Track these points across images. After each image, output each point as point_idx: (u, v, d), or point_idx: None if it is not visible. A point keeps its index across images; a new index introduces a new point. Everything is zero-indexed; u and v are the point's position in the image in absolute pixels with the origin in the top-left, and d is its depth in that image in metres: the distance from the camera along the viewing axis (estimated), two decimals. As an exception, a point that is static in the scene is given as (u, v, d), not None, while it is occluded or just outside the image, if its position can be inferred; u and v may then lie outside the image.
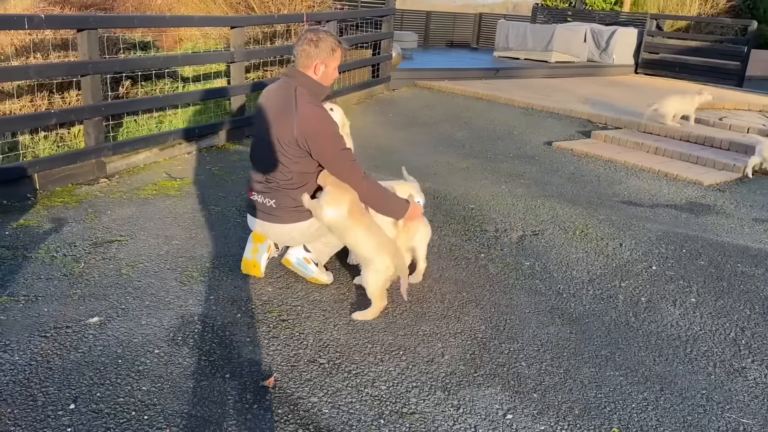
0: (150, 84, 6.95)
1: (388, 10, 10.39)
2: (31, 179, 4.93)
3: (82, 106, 5.30)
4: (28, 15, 4.46)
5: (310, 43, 3.25)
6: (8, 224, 4.29)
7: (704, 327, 3.40)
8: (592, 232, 4.74)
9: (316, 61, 3.27)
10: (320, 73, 3.32)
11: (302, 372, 2.74)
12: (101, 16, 5.44)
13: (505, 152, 7.16)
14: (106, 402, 2.46)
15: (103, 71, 5.26)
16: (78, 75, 5.20)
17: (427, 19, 18.08)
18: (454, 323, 3.26)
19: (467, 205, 5.19)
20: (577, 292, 3.72)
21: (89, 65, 5.14)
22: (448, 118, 8.87)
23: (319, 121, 3.20)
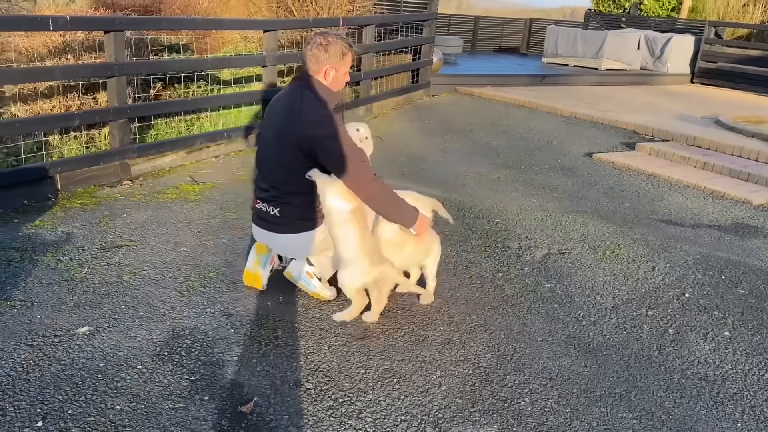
0: (183, 87, 6.94)
1: (430, 14, 10.19)
2: (53, 180, 4.93)
3: (107, 108, 5.30)
4: (53, 16, 4.45)
5: (320, 48, 3.11)
6: (24, 225, 4.29)
7: (736, 366, 3.09)
8: (624, 252, 4.45)
9: (326, 66, 3.13)
10: (330, 78, 3.17)
11: (285, 397, 2.58)
12: (128, 18, 5.42)
13: (541, 163, 6.87)
14: (76, 420, 2.35)
15: (128, 73, 5.24)
16: (104, 76, 5.18)
17: (475, 24, 17.79)
18: (458, 349, 3.05)
19: (492, 219, 4.95)
20: (598, 320, 3.45)
21: (115, 67, 5.12)
22: (485, 125, 8.61)
23: (323, 124, 3.04)
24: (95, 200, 4.89)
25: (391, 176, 5.94)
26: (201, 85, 7.18)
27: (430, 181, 5.90)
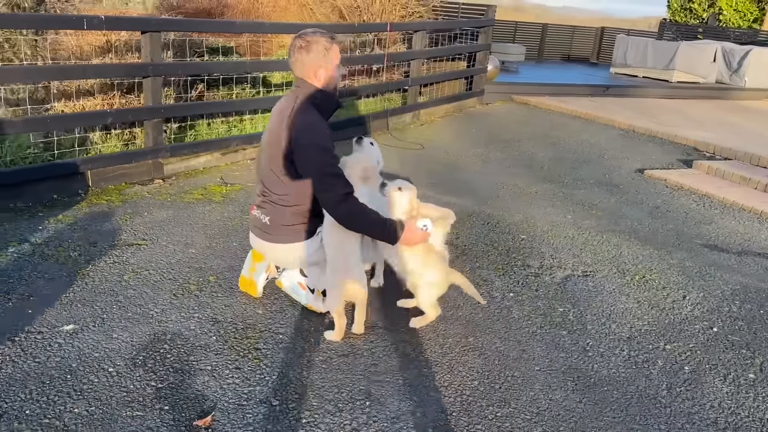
0: (227, 89, 7.00)
1: (487, 21, 9.97)
2: (84, 176, 5.03)
3: (141, 107, 5.38)
4: (87, 16, 4.55)
5: (301, 51, 3.00)
6: (46, 219, 4.38)
7: (754, 413, 2.78)
8: (655, 278, 4.13)
9: (313, 67, 3.01)
10: (322, 78, 3.05)
11: (247, 413, 2.48)
12: (165, 19, 5.50)
13: (586, 178, 6.55)
14: (30, 422, 2.33)
15: (163, 73, 5.30)
16: (139, 76, 5.26)
17: (543, 32, 17.35)
18: (444, 374, 2.87)
19: (518, 235, 4.72)
20: (607, 352, 3.19)
21: (149, 67, 5.19)
22: (534, 136, 8.32)
23: (308, 130, 2.94)
24: (122, 198, 4.96)
25: (424, 185, 5.78)
26: (245, 88, 7.23)
27: (463, 191, 5.70)
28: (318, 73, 3.02)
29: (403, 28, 8.26)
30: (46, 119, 4.76)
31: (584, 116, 9.54)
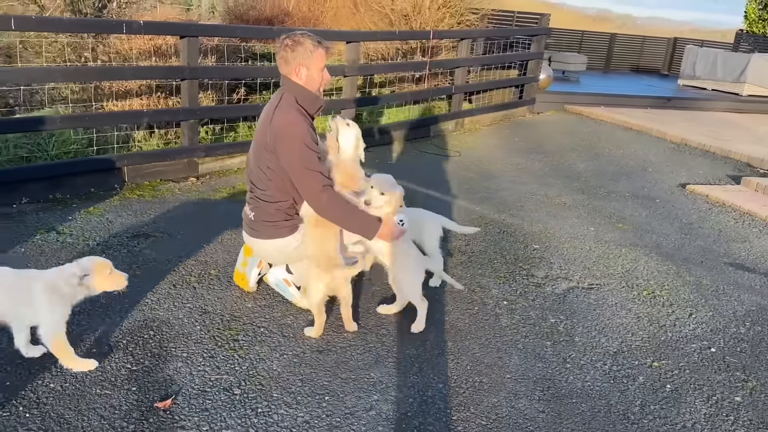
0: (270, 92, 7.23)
1: (540, 29, 9.86)
2: (120, 171, 5.33)
3: (177, 108, 5.65)
4: (127, 21, 4.85)
5: (287, 49, 3.11)
6: (78, 210, 4.68)
7: (728, 437, 2.67)
8: (665, 295, 4.01)
9: (295, 65, 3.12)
10: (303, 77, 3.15)
11: (207, 400, 2.60)
12: (202, 25, 5.76)
13: (622, 191, 6.38)
14: (7, 390, 2.52)
15: (199, 76, 5.56)
16: (176, 79, 5.53)
17: (611, 42, 16.91)
18: (412, 375, 2.90)
19: (531, 245, 4.67)
20: (587, 365, 3.13)
21: (186, 70, 5.45)
22: (578, 147, 8.16)
23: (288, 125, 3.04)
24: (154, 193, 5.22)
25: (450, 191, 5.81)
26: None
27: (486, 199, 5.68)
28: (300, 72, 3.12)
29: (447, 36, 8.29)
30: (85, 117, 5.08)
31: (636, 128, 9.27)
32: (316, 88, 3.22)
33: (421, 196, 5.61)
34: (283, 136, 3.02)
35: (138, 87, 6.41)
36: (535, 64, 9.94)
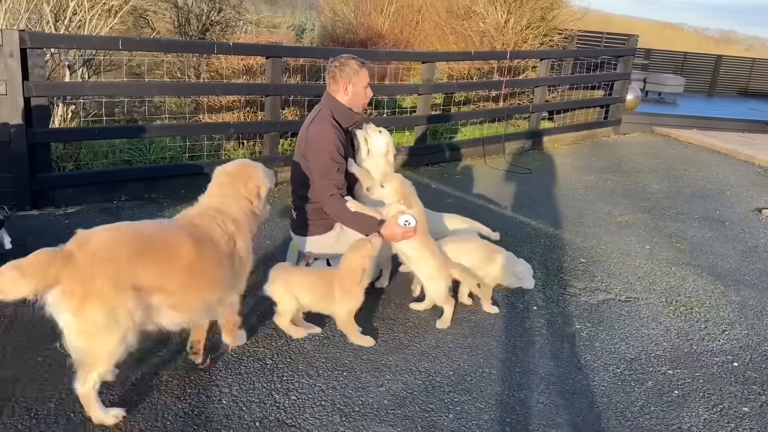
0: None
1: (626, 50, 9.83)
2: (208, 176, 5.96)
3: (260, 122, 6.25)
4: (218, 42, 5.49)
5: (335, 69, 3.54)
6: (168, 208, 5.32)
7: (721, 441, 2.77)
8: (703, 312, 4.06)
9: (343, 82, 3.54)
10: (350, 93, 3.57)
11: (242, 366, 3.02)
12: (285, 46, 6.33)
13: (692, 212, 6.33)
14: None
15: (281, 93, 6.12)
16: (261, 95, 6.13)
17: (716, 64, 16.29)
18: (426, 362, 3.20)
19: (578, 258, 4.82)
20: (600, 367, 3.30)
21: (270, 87, 6.04)
22: (658, 168, 8.08)
23: (318, 135, 3.46)
24: (235, 196, 5.79)
25: (504, 205, 6.02)
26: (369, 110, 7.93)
27: (545, 214, 5.85)
28: (347, 88, 3.55)
29: (524, 56, 8.49)
30: (179, 127, 5.76)
31: (723, 151, 9.01)
32: (361, 103, 3.63)
33: (476, 208, 5.86)
34: (313, 144, 3.44)
35: (230, 102, 7.10)
36: (621, 85, 9.89)
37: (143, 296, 2.43)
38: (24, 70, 4.67)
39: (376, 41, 12.32)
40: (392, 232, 3.34)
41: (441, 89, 7.84)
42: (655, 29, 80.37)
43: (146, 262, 2.45)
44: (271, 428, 2.61)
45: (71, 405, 2.62)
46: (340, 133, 3.62)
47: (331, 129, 3.51)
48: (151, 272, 2.45)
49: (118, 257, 2.38)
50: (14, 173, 4.83)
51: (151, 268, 2.46)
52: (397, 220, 3.34)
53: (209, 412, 2.67)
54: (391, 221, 3.35)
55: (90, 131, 5.29)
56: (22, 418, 2.53)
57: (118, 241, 2.45)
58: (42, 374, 2.82)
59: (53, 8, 5.76)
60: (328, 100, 3.62)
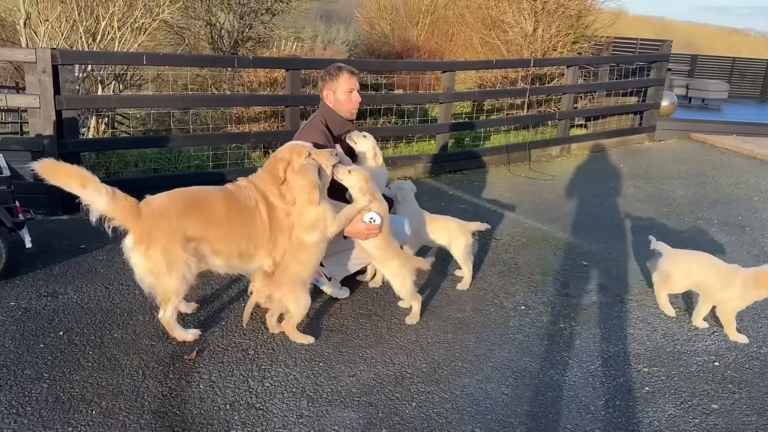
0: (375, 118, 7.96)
1: (660, 56, 9.73)
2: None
3: (280, 131, 6.52)
4: (238, 56, 5.78)
5: (321, 78, 3.76)
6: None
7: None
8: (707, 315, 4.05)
9: (325, 90, 3.75)
10: (332, 100, 3.78)
11: (226, 356, 3.23)
12: (304, 59, 6.60)
13: (713, 218, 6.25)
14: (84, 335, 3.34)
15: (300, 104, 6.38)
16: (281, 106, 6.41)
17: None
18: (402, 355, 3.33)
19: (580, 261, 4.86)
20: (574, 363, 3.36)
21: (289, 98, 6.31)
22: (687, 175, 7.97)
23: (299, 137, 3.65)
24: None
25: (517, 210, 6.09)
26: (392, 118, 8.13)
27: (557, 219, 5.88)
28: (328, 96, 3.76)
29: (549, 63, 8.52)
30: (201, 137, 6.09)
31: (760, 157, 8.79)
32: (347, 109, 3.82)
33: (487, 212, 5.95)
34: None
35: (256, 114, 7.41)
36: (654, 91, 9.78)
37: (192, 244, 3.11)
38: (56, 84, 5.06)
39: (412, 53, 12.53)
40: (357, 229, 3.46)
41: (462, 98, 7.96)
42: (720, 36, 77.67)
43: (191, 218, 3.12)
44: (239, 410, 2.79)
45: (63, 386, 2.87)
46: (329, 139, 3.80)
47: (317, 135, 3.70)
48: (195, 225, 3.12)
49: (170, 215, 3.07)
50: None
51: (195, 222, 3.12)
52: (362, 217, 3.45)
53: (186, 395, 2.88)
54: (356, 219, 3.47)
55: (117, 141, 5.66)
56: (17, 395, 2.80)
57: (170, 203, 3.12)
58: (42, 359, 3.09)
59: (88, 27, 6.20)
60: (321, 107, 3.85)
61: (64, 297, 3.76)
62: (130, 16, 6.69)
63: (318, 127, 3.78)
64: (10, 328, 3.34)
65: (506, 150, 7.96)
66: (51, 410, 2.70)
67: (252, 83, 7.61)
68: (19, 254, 4.13)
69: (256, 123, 7.38)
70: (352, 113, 3.91)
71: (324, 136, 3.75)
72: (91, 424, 2.63)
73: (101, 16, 6.37)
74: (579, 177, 7.69)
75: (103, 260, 4.35)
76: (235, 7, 8.80)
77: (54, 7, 6.57)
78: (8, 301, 3.66)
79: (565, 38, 9.61)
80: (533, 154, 8.32)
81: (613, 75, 10.28)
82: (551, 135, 8.85)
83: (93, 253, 4.45)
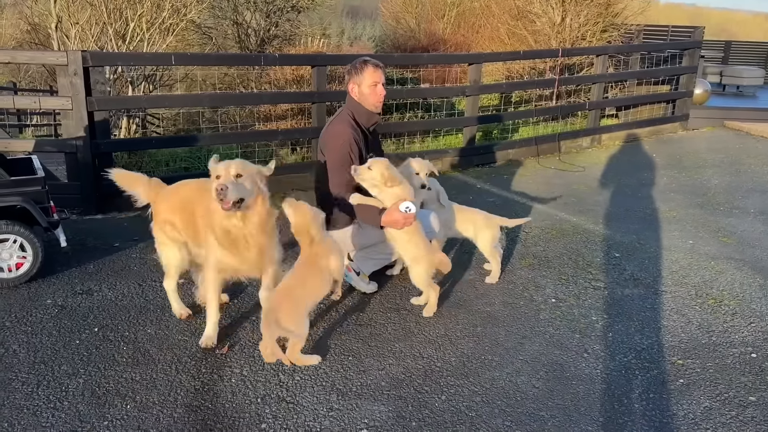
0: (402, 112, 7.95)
1: (692, 42, 9.52)
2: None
3: (306, 128, 6.55)
4: (265, 54, 5.83)
5: (347, 71, 3.77)
6: (218, 211, 5.68)
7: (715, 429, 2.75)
8: (733, 305, 3.97)
9: (350, 84, 3.76)
10: (357, 93, 3.79)
11: (256, 351, 3.25)
12: (329, 55, 6.61)
13: (749, 207, 6.11)
14: (118, 331, 3.40)
15: (327, 100, 6.40)
16: (307, 102, 6.44)
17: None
18: (431, 349, 3.32)
19: (612, 253, 4.80)
20: (606, 356, 3.32)
21: (315, 95, 6.33)
22: (722, 163, 7.80)
23: (334, 134, 3.68)
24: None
25: (547, 202, 6.03)
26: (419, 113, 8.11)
27: (587, 210, 5.81)
28: (353, 90, 3.77)
29: (577, 53, 8.39)
30: (229, 135, 6.15)
31: (798, 143, 8.55)
32: (372, 102, 3.81)
33: (516, 205, 5.91)
34: (329, 143, 3.66)
35: (283, 111, 7.46)
36: (687, 79, 9.58)
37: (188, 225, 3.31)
38: (87, 86, 5.15)
39: (438, 46, 12.48)
40: (393, 219, 3.47)
41: (489, 90, 7.90)
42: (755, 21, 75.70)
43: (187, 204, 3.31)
44: (270, 404, 2.82)
45: (98, 381, 2.93)
46: (357, 132, 3.81)
47: (347, 128, 3.72)
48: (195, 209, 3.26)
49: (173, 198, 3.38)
50: (81, 181, 5.32)
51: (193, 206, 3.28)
52: (398, 207, 3.46)
53: (218, 389, 2.92)
54: (392, 208, 3.48)
55: (148, 141, 5.75)
56: (54, 390, 2.86)
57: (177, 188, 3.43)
58: (78, 354, 3.16)
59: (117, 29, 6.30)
60: (348, 101, 3.87)
61: (99, 294, 3.83)
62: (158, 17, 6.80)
63: (346, 120, 3.79)
64: (47, 325, 3.41)
65: (535, 142, 7.88)
66: (87, 405, 2.76)
67: (279, 81, 7.66)
68: (55, 253, 4.23)
69: (283, 120, 7.42)
70: (377, 106, 3.91)
71: (352, 129, 3.76)
72: (126, 418, 2.67)
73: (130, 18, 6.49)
74: (610, 168, 7.57)
75: (136, 258, 4.42)
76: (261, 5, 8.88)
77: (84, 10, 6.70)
78: (45, 299, 3.74)
79: (593, 27, 9.46)
80: (563, 145, 8.22)
81: (644, 63, 10.10)
82: (581, 126, 8.74)
83: (126, 251, 4.53)
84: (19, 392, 2.82)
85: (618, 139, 9.00)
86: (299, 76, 7.41)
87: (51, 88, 14.07)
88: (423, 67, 8.48)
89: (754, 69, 12.50)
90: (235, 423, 2.67)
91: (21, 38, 16.68)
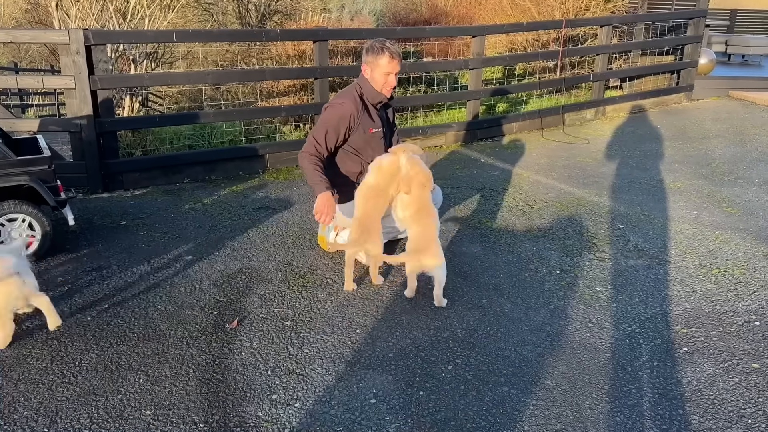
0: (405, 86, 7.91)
1: (697, 12, 9.42)
2: (263, 158, 6.33)
3: (309, 104, 6.54)
4: (266, 30, 5.80)
5: (365, 50, 3.81)
6: (225, 188, 5.72)
7: (720, 395, 2.79)
8: (737, 274, 4.00)
9: (365, 65, 3.78)
10: (369, 75, 3.80)
11: (265, 324, 3.31)
12: (330, 30, 6.57)
13: (754, 177, 6.11)
14: (128, 309, 3.45)
15: (329, 75, 6.38)
16: (309, 78, 6.42)
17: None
18: (437, 321, 3.37)
19: (616, 225, 4.82)
20: (610, 326, 3.36)
21: (317, 70, 6.31)
22: (727, 133, 7.77)
23: (331, 105, 3.81)
24: (288, 176, 6.15)
25: (551, 176, 6.04)
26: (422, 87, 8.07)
27: (591, 183, 5.82)
28: (365, 70, 3.80)
29: (581, 24, 8.32)
30: (232, 112, 6.15)
31: (804, 112, 8.50)
32: (379, 87, 3.84)
33: (520, 179, 5.92)
34: (323, 110, 3.73)
35: (286, 87, 7.44)
36: (692, 49, 9.50)
37: None
38: (89, 65, 5.15)
39: (440, 19, 12.37)
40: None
41: (492, 63, 7.85)
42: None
43: None
44: (281, 376, 2.87)
45: (110, 356, 2.99)
46: (360, 105, 3.84)
47: (347, 102, 3.76)
48: None
49: None
50: (86, 160, 5.34)
51: None
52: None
53: (228, 362, 2.97)
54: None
55: (151, 119, 5.75)
56: (68, 365, 2.92)
57: None
58: (90, 330, 3.21)
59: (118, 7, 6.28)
60: (360, 76, 3.88)
61: (108, 271, 3.88)
62: (159, -7, 6.76)
63: (350, 93, 3.83)
64: (59, 303, 3.46)
65: (539, 115, 7.85)
66: (101, 379, 2.81)
67: (281, 57, 7.63)
68: (63, 232, 4.27)
69: (286, 97, 7.40)
70: (387, 93, 3.93)
71: (353, 103, 3.79)
72: (139, 391, 2.73)
73: (130, -5, 6.46)
74: (614, 140, 7.56)
75: (144, 236, 4.46)
76: (261, -20, 8.83)
77: (84, -12, 6.68)
78: (56, 276, 3.79)
79: (597, -2, 9.37)
80: (567, 118, 8.19)
81: (648, 33, 10.01)
82: (585, 98, 8.70)
83: (134, 229, 4.57)
84: (34, 367, 2.88)
85: (622, 110, 8.96)
86: (301, 52, 7.38)
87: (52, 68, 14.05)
88: (425, 40, 8.40)
89: (760, 38, 12.37)
90: (247, 395, 2.73)
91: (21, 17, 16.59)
